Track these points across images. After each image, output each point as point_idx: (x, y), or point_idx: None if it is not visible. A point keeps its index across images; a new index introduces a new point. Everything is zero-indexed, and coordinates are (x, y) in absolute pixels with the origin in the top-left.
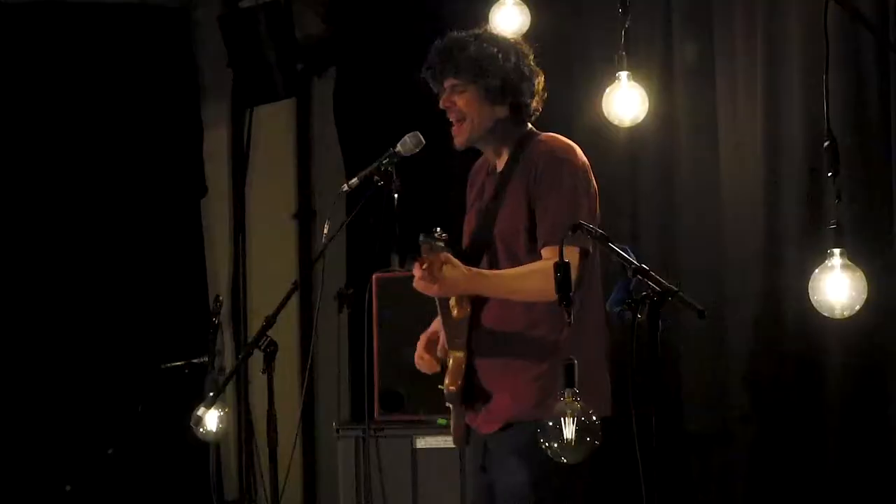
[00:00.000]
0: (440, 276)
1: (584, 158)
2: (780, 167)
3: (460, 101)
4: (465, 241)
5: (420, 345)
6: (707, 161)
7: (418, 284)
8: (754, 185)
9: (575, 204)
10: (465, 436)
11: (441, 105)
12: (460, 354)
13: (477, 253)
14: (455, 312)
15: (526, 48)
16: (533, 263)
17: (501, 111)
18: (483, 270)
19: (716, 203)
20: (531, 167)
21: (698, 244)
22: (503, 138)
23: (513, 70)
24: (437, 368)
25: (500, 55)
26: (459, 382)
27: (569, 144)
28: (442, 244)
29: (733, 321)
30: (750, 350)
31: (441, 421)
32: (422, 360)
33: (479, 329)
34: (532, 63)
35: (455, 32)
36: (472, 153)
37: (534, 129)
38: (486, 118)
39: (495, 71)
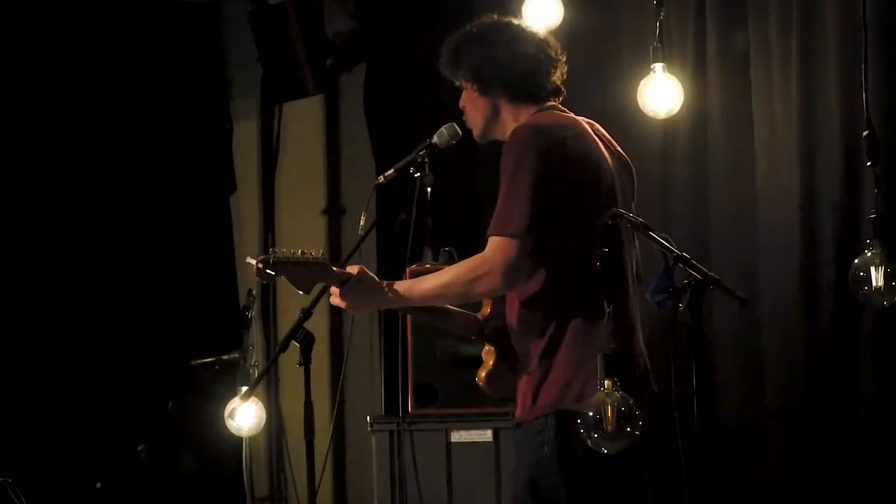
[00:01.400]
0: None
1: (559, 136)
2: (817, 158)
3: (466, 97)
4: None
5: None
6: (741, 153)
7: (333, 300)
8: (790, 177)
9: (514, 192)
10: None
11: (460, 105)
12: (489, 347)
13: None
14: (483, 308)
15: (519, 25)
16: (457, 263)
17: (496, 99)
18: (395, 283)
19: (750, 195)
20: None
21: (732, 236)
22: (510, 128)
23: (490, 53)
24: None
25: (477, 41)
26: (483, 374)
27: (536, 124)
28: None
29: (768, 314)
30: (785, 344)
31: None
32: None
33: (504, 325)
34: (530, 40)
35: (459, 30)
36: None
37: (538, 114)
38: (482, 110)
39: (472, 58)
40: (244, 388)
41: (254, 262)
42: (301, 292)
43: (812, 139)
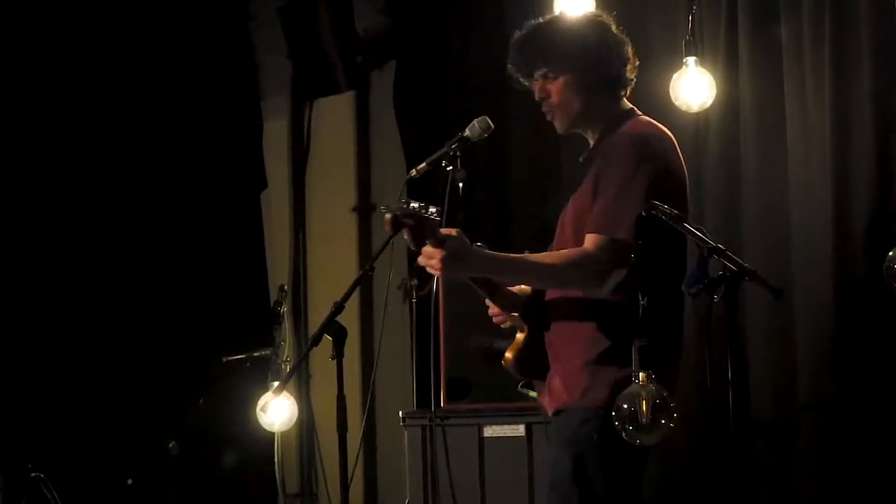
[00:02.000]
0: (432, 252)
1: (665, 146)
2: (849, 150)
3: (553, 90)
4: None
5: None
6: (773, 145)
7: (423, 261)
8: (822, 169)
9: (626, 195)
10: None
11: (536, 97)
12: (524, 327)
13: (556, 236)
14: (523, 286)
15: (606, 18)
16: (559, 251)
17: (595, 91)
18: (498, 255)
19: (783, 187)
20: (606, 151)
21: (764, 229)
22: (599, 118)
23: (596, 46)
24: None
25: (583, 36)
26: (512, 355)
27: (645, 130)
28: (428, 217)
29: (801, 308)
30: (818, 337)
31: (532, 394)
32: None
33: (542, 306)
34: (616, 31)
35: (533, 21)
36: (538, 140)
37: (634, 109)
38: (580, 103)
39: (577, 51)
40: (276, 383)
41: (390, 213)
42: (413, 248)
43: (844, 131)
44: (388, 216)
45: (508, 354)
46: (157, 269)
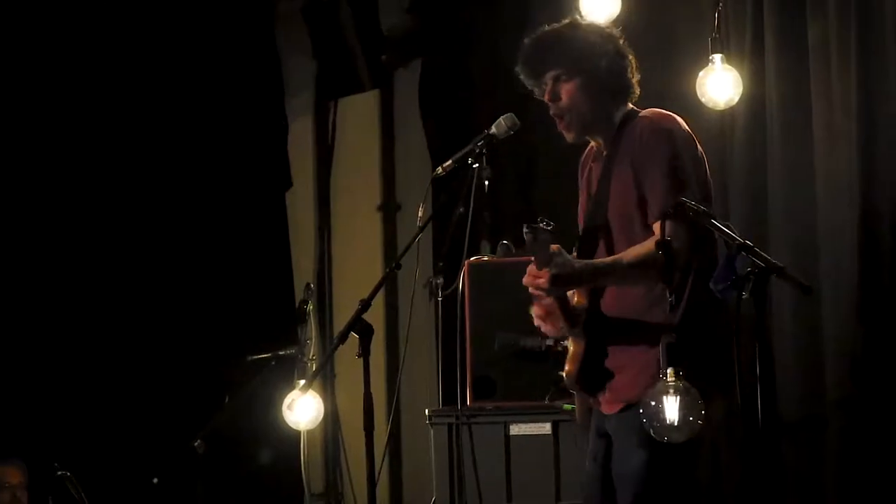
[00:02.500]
0: (552, 271)
1: (687, 130)
2: (876, 146)
3: (564, 93)
4: (581, 227)
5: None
6: (800, 142)
7: (528, 281)
8: (849, 165)
9: (679, 173)
10: (586, 417)
11: (545, 99)
12: (580, 339)
13: (592, 238)
14: (576, 299)
15: (615, 32)
16: (640, 247)
17: (606, 98)
18: (596, 263)
19: (809, 183)
20: (634, 143)
21: (791, 227)
22: (608, 121)
23: (612, 53)
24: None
25: (598, 41)
26: (575, 367)
27: (669, 115)
28: (547, 234)
29: (828, 303)
30: (845, 335)
31: (567, 406)
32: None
33: (598, 313)
34: (623, 45)
35: (547, 26)
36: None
37: (634, 108)
38: (592, 108)
39: (598, 58)
40: (302, 382)
41: (532, 232)
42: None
43: (871, 127)
44: (529, 238)
45: (569, 367)
46: (183, 268)
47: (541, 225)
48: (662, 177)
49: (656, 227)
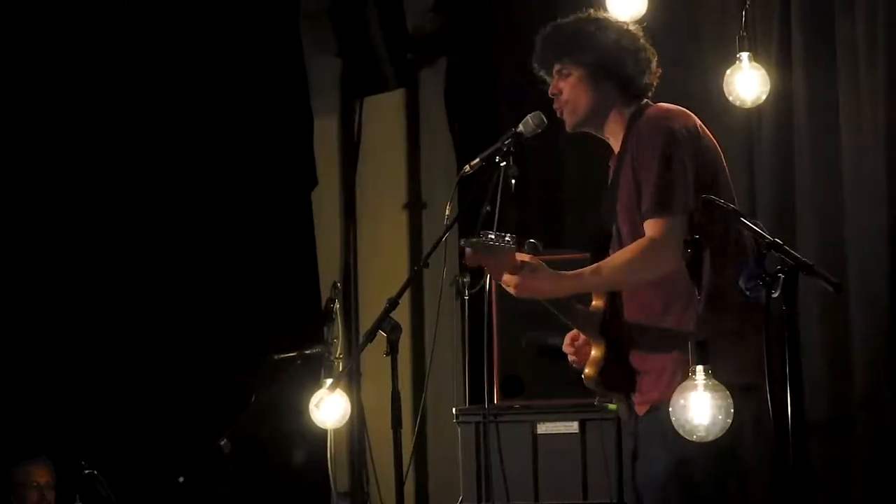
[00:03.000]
0: (508, 278)
1: (690, 122)
2: None
3: (565, 86)
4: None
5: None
6: (827, 140)
7: (503, 284)
8: (876, 163)
9: (669, 170)
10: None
11: (549, 93)
12: (601, 342)
13: (612, 237)
14: (594, 302)
15: (631, 25)
16: (622, 253)
17: (607, 90)
18: (567, 273)
19: (837, 182)
20: (634, 140)
21: (818, 226)
22: (615, 119)
23: (612, 45)
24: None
25: (597, 32)
26: (594, 370)
27: (667, 110)
28: (484, 244)
29: (856, 305)
30: (874, 333)
31: (611, 406)
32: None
33: (615, 316)
34: (639, 39)
35: (559, 19)
36: (588, 139)
37: (648, 102)
38: (589, 100)
39: (592, 48)
40: (329, 381)
41: (470, 247)
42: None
43: None
44: (468, 251)
45: (589, 371)
46: (209, 267)
47: (480, 239)
48: (652, 175)
49: (645, 226)
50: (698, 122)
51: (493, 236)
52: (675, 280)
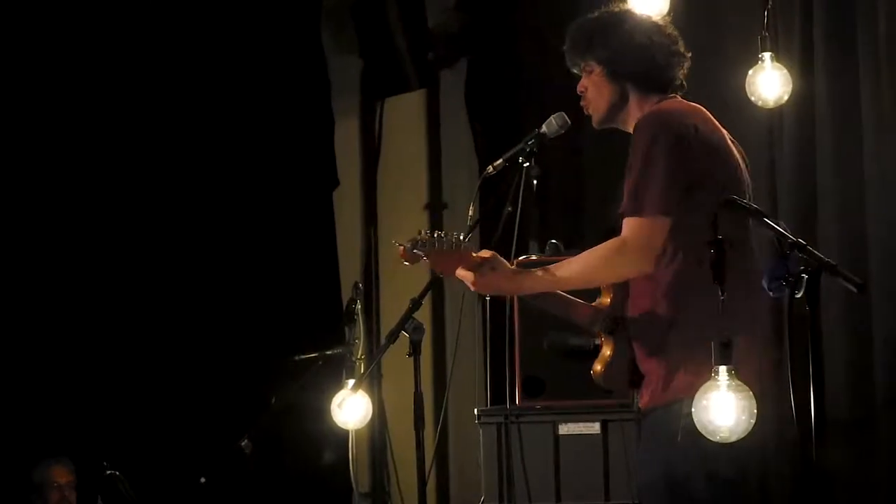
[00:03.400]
0: (465, 275)
1: (687, 121)
2: None
3: (588, 82)
4: None
5: None
6: (849, 140)
7: (446, 275)
8: None
9: (649, 171)
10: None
11: (577, 90)
12: (609, 340)
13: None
14: (601, 299)
15: (655, 18)
16: (593, 248)
17: (624, 86)
18: (533, 271)
19: (859, 183)
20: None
21: (841, 226)
22: (636, 114)
23: (630, 40)
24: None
25: (615, 28)
26: (601, 367)
27: (664, 109)
28: (429, 242)
29: (878, 305)
30: (895, 335)
31: None
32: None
33: (620, 314)
34: (662, 33)
35: (590, 14)
36: (609, 137)
37: (669, 98)
38: (609, 96)
39: (609, 44)
40: (351, 381)
41: (401, 245)
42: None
43: None
44: (399, 248)
45: (597, 367)
46: (230, 268)
47: (436, 236)
48: (633, 175)
49: (627, 221)
50: (702, 119)
51: (436, 234)
52: (674, 282)
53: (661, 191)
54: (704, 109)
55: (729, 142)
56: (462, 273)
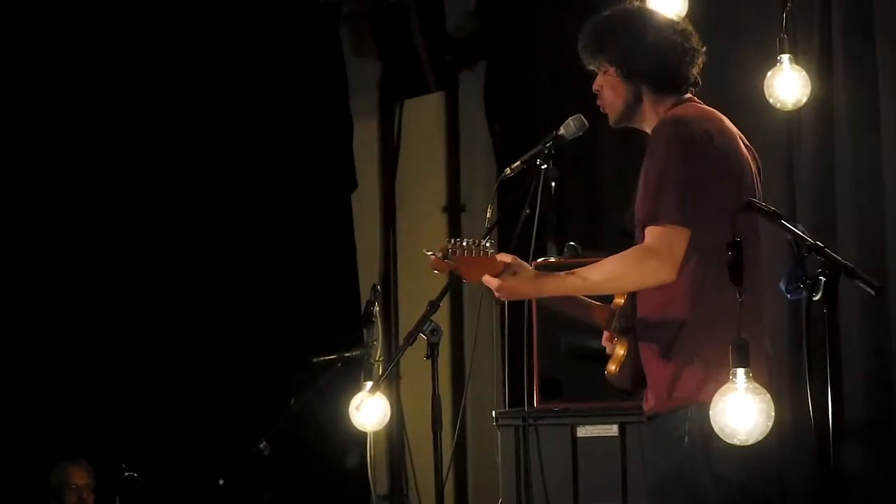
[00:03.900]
0: (489, 280)
1: (704, 127)
2: None
3: (604, 82)
4: None
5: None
6: (868, 143)
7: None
8: None
9: (667, 180)
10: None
11: (593, 89)
12: (622, 340)
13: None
14: (616, 299)
15: (679, 24)
16: (616, 255)
17: (638, 85)
18: (554, 274)
19: (878, 186)
20: (648, 144)
21: (859, 229)
22: (651, 114)
23: (637, 38)
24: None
25: (622, 26)
26: (616, 367)
27: (681, 114)
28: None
29: None
30: None
31: None
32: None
33: (634, 315)
34: (677, 31)
35: (606, 11)
36: (627, 139)
37: (685, 98)
38: (622, 95)
39: (622, 42)
40: (370, 383)
41: (432, 254)
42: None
43: None
44: (431, 257)
45: (611, 367)
46: (249, 270)
47: (464, 244)
48: (653, 182)
49: (651, 230)
50: (718, 126)
51: (465, 243)
52: (687, 285)
53: (681, 200)
54: (720, 114)
55: (743, 148)
56: (488, 279)
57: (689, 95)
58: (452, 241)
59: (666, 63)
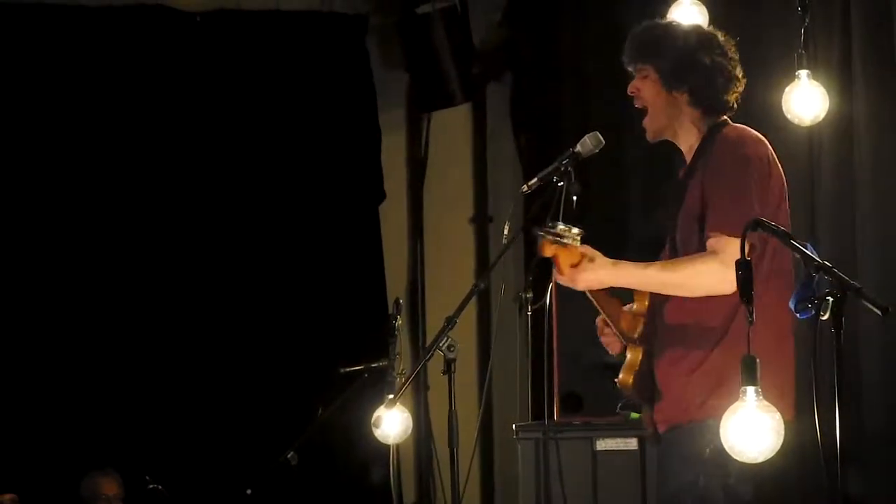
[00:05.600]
0: (569, 271)
1: (766, 150)
2: None
3: (643, 86)
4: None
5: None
6: (888, 159)
7: (560, 279)
8: None
9: (741, 194)
10: (654, 433)
11: (628, 91)
12: (637, 347)
13: (666, 248)
14: (636, 306)
15: (719, 39)
16: (689, 256)
17: (681, 97)
18: (630, 263)
19: None
20: (709, 160)
21: (880, 245)
22: (688, 129)
23: (689, 53)
24: (618, 349)
25: (676, 38)
26: (630, 376)
27: (749, 136)
28: (559, 236)
29: None
30: None
31: (633, 415)
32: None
33: (655, 323)
34: (725, 55)
35: (659, 19)
36: (652, 150)
37: (728, 120)
38: (665, 104)
39: (668, 52)
40: (390, 396)
41: (543, 236)
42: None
43: None
44: (541, 241)
45: (623, 376)
46: (277, 281)
47: (551, 227)
48: (724, 196)
49: (708, 242)
50: (771, 150)
51: (562, 227)
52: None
53: (753, 213)
54: (765, 139)
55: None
56: (568, 272)
57: (725, 118)
58: (551, 223)
59: (710, 84)
